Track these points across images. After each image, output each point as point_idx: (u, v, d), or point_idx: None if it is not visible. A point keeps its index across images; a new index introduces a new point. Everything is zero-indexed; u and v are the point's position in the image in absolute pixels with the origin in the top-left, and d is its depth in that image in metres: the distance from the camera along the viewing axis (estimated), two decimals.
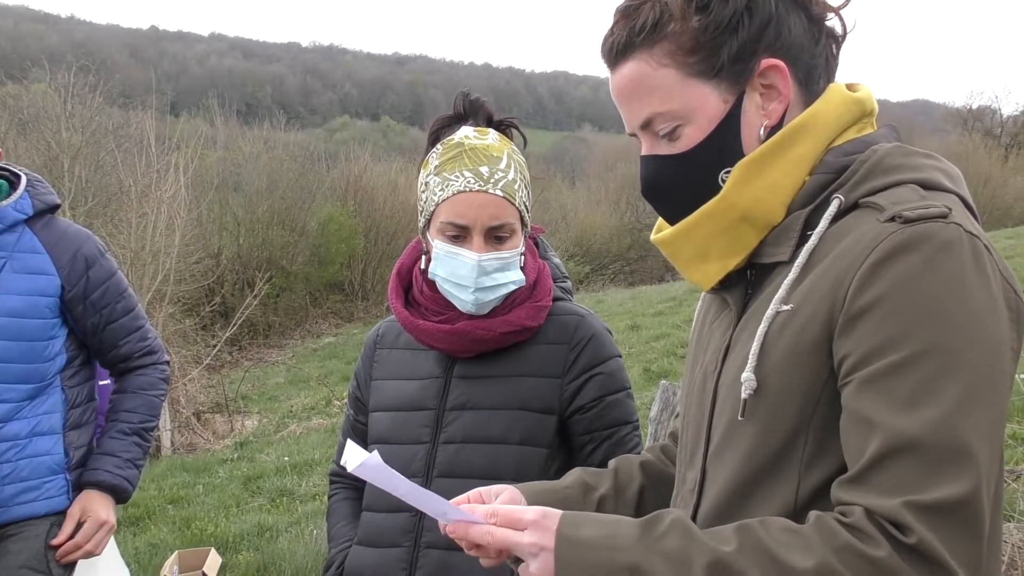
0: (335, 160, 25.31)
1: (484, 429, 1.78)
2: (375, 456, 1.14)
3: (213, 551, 5.35)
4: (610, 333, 1.91)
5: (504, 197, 1.76)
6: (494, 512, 1.17)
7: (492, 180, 1.75)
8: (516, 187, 1.78)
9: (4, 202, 2.31)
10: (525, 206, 1.82)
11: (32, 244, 2.33)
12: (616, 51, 1.23)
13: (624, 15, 1.23)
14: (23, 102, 16.50)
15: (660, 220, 1.35)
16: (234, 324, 14.31)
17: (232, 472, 8.52)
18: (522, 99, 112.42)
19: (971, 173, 32.40)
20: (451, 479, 1.75)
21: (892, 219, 1.06)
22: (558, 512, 1.14)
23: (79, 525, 2.36)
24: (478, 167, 1.75)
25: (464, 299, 1.78)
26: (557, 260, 2.03)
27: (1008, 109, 55.10)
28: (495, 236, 1.77)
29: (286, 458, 8.67)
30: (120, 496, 2.42)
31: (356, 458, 1.14)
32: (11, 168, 2.42)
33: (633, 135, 1.28)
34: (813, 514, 1.04)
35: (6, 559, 2.29)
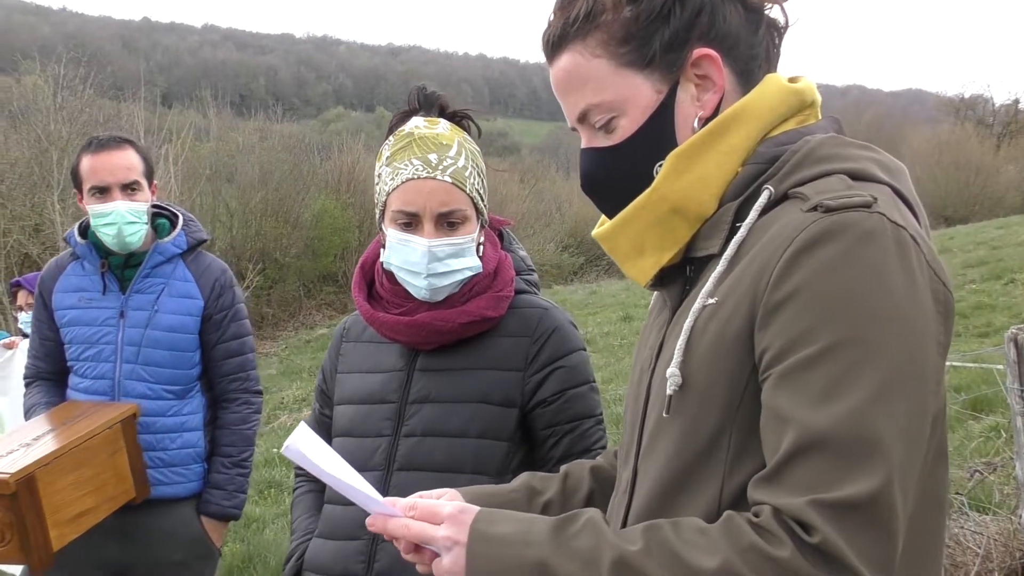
0: (328, 151, 25.26)
1: (444, 422, 1.79)
2: (297, 440, 1.17)
3: None
4: (575, 327, 1.91)
5: (453, 183, 1.77)
6: (413, 506, 1.18)
7: (440, 167, 1.76)
8: (467, 174, 1.79)
9: (166, 239, 2.88)
10: (479, 194, 1.83)
11: (184, 273, 2.89)
12: (552, 43, 1.23)
13: (560, 7, 1.23)
14: (13, 94, 16.45)
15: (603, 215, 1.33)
16: None
17: None
18: (516, 89, 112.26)
19: (963, 162, 32.46)
20: (411, 472, 1.76)
21: (814, 208, 1.04)
22: (475, 508, 1.14)
23: None
24: (427, 155, 1.76)
25: (417, 285, 1.79)
26: (523, 253, 2.03)
27: (1000, 98, 55.03)
28: (447, 222, 1.78)
29: (275, 449, 8.64)
30: (231, 519, 2.98)
31: (292, 439, 1.17)
32: (171, 208, 2.99)
33: (574, 129, 1.27)
34: (725, 514, 1.02)
35: (174, 535, 2.86)
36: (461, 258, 1.79)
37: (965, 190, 31.91)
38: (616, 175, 1.23)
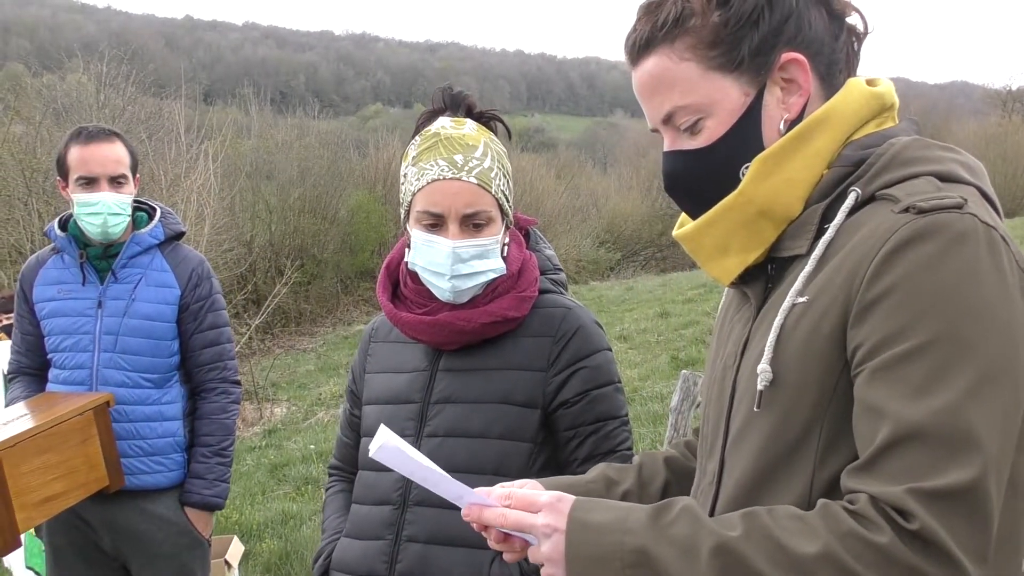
0: (366, 147, 25.38)
1: (466, 423, 1.78)
2: (389, 438, 1.20)
3: (236, 539, 5.39)
4: (600, 327, 1.89)
5: (479, 185, 1.76)
6: (509, 495, 1.21)
7: (466, 168, 1.75)
8: (493, 175, 1.78)
9: (143, 230, 2.97)
10: (504, 195, 1.82)
11: (161, 264, 2.97)
12: (638, 47, 1.26)
13: (647, 12, 1.26)
14: (58, 92, 16.68)
15: (683, 215, 1.37)
16: (262, 312, 14.41)
17: (259, 460, 8.58)
18: (554, 85, 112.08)
19: (1011, 155, 31.82)
20: None
21: (906, 210, 1.08)
22: (572, 496, 1.17)
23: None
24: (452, 155, 1.75)
25: (441, 287, 1.78)
26: (550, 252, 2.01)
27: None
28: (472, 224, 1.77)
29: (312, 446, 8.71)
30: (214, 508, 2.99)
31: (377, 441, 1.20)
32: (149, 202, 3.07)
33: (655, 131, 1.30)
34: (820, 502, 1.05)
35: (159, 526, 2.91)
36: (485, 259, 1.78)
37: (1012, 183, 31.27)
38: (702, 176, 1.26)
